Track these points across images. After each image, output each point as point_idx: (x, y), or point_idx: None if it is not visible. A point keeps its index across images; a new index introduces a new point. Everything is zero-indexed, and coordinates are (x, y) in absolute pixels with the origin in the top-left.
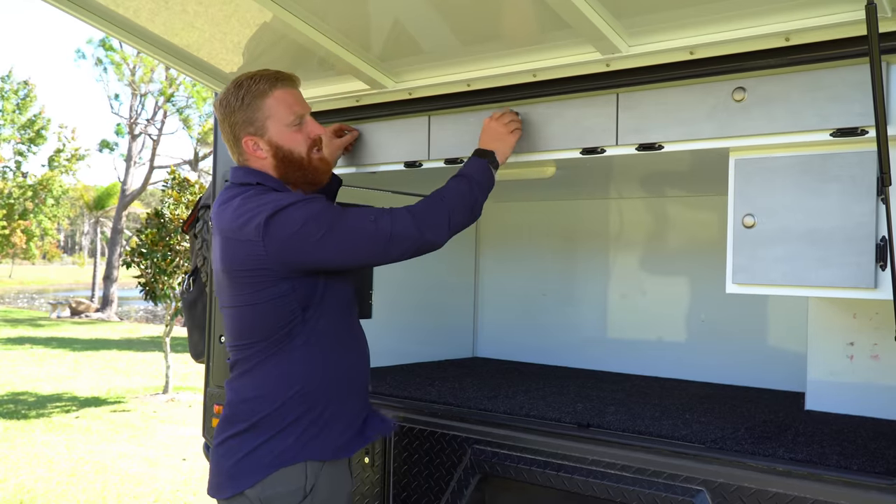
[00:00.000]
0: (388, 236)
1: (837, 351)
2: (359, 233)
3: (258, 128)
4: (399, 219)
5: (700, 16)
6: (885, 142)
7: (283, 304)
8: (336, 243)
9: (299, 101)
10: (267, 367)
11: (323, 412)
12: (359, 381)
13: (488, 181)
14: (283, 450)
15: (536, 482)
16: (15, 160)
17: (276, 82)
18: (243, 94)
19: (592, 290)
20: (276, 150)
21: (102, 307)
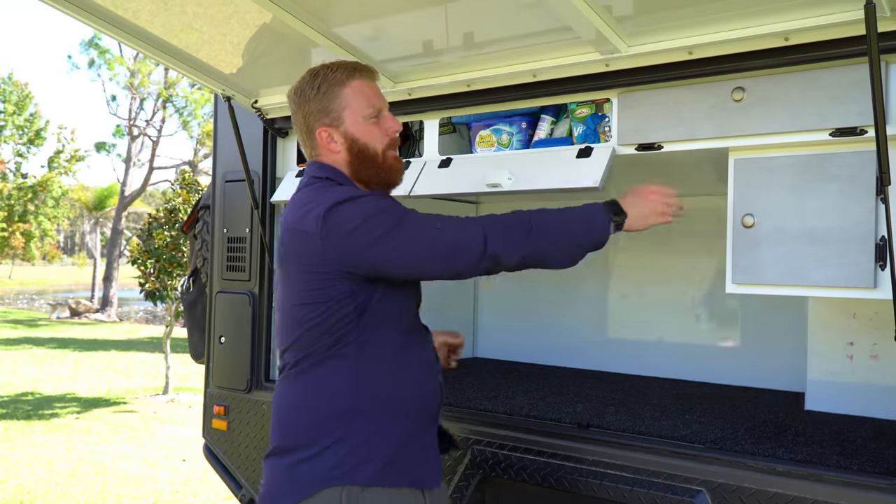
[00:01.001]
0: (452, 245)
1: (837, 351)
2: (421, 237)
3: (334, 118)
4: (468, 228)
5: (699, 16)
6: (884, 141)
7: (337, 308)
8: (395, 246)
9: (378, 94)
10: (314, 376)
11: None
12: (420, 404)
13: (600, 235)
14: (323, 470)
15: (536, 482)
16: (15, 161)
17: (354, 72)
18: (319, 82)
19: (592, 291)
20: (352, 144)
21: (102, 308)
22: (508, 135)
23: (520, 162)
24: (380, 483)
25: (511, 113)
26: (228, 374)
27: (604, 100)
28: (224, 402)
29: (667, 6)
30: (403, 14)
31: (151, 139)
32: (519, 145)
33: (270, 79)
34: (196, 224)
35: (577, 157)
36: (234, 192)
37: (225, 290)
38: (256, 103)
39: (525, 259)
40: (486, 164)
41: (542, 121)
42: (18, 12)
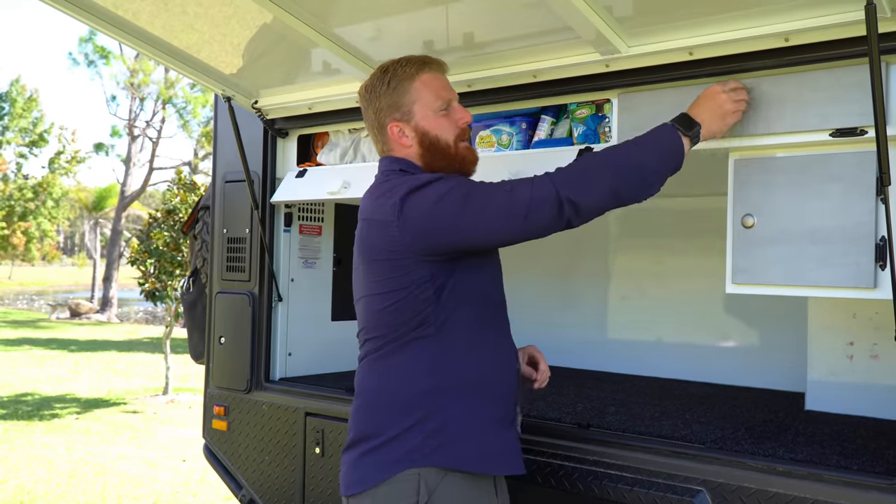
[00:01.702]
0: (525, 203)
1: (837, 351)
2: (493, 203)
3: (404, 113)
4: (539, 184)
5: (700, 16)
6: (884, 142)
7: (419, 293)
8: (470, 217)
9: (446, 87)
10: (394, 360)
11: (453, 415)
12: (501, 387)
13: (672, 152)
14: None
15: (536, 482)
16: (16, 162)
17: (423, 66)
18: (389, 78)
19: (592, 291)
20: (423, 137)
21: (102, 308)
22: (508, 135)
23: (520, 162)
24: (460, 466)
25: (511, 113)
26: (228, 374)
27: (604, 100)
28: (224, 403)
29: (667, 7)
30: (404, 14)
31: (151, 140)
32: (519, 146)
33: (270, 79)
34: (196, 224)
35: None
36: (234, 193)
37: (225, 290)
38: (257, 104)
39: (604, 201)
40: (487, 165)
41: (543, 121)
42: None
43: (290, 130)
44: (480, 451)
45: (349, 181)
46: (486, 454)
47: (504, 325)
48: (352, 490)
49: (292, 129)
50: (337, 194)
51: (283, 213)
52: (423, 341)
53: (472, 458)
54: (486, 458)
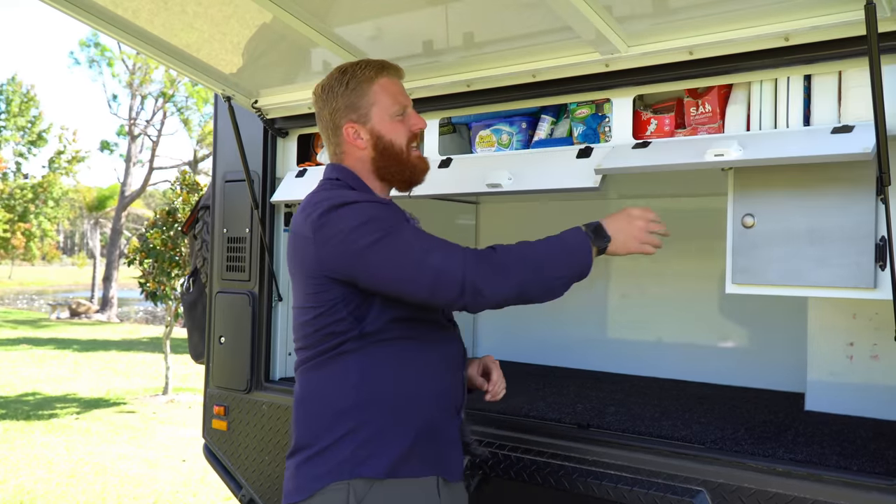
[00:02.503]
0: (433, 272)
1: (837, 351)
2: (405, 256)
3: (361, 115)
4: (452, 257)
5: (699, 16)
6: (884, 141)
7: (332, 313)
8: (377, 260)
9: (403, 92)
10: (323, 373)
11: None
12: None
13: (581, 265)
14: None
15: (536, 482)
16: (15, 161)
17: (382, 70)
18: (348, 79)
19: (592, 291)
20: (377, 141)
21: (102, 308)
22: (508, 135)
23: (520, 162)
24: (393, 475)
25: (511, 113)
26: (228, 374)
27: (604, 100)
28: (224, 403)
29: (667, 7)
30: (403, 14)
31: (151, 139)
32: (519, 145)
33: (270, 79)
34: (196, 224)
35: (578, 158)
36: (234, 192)
37: (225, 290)
38: (256, 103)
39: (507, 296)
40: (486, 165)
41: (542, 121)
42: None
43: (290, 130)
44: (408, 461)
45: None
46: (414, 464)
47: (441, 342)
48: (288, 500)
49: (292, 129)
50: None
51: (283, 212)
52: (350, 355)
53: (399, 469)
54: (415, 467)
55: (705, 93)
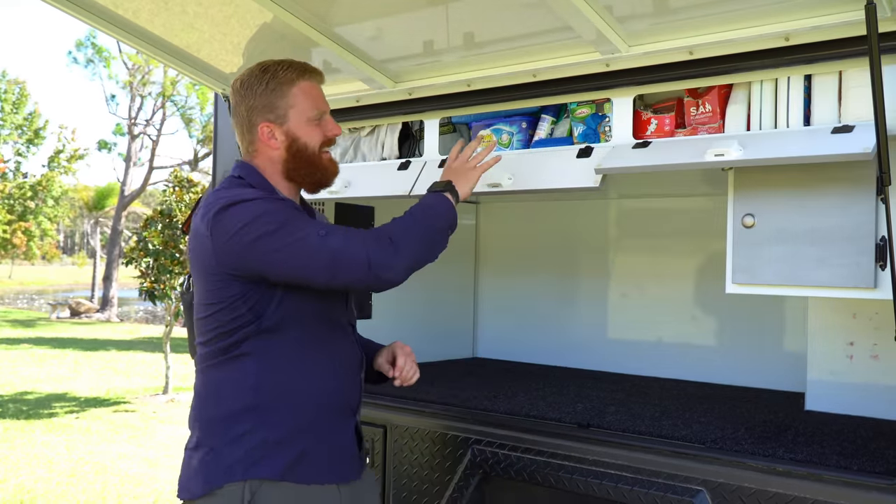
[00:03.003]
0: (332, 255)
1: (837, 351)
2: (301, 243)
3: (279, 115)
4: (352, 238)
5: (700, 16)
6: (884, 141)
7: (231, 310)
8: (275, 250)
9: (323, 97)
10: (221, 372)
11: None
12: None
13: (452, 217)
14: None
15: (536, 482)
16: (14, 160)
17: (304, 73)
18: (269, 78)
19: (592, 290)
20: (292, 142)
21: (102, 308)
22: (509, 134)
23: (520, 162)
24: (288, 478)
25: (511, 113)
26: None
27: (604, 100)
28: None
29: (667, 6)
30: (404, 14)
31: (151, 138)
32: (519, 145)
33: None
34: None
35: (578, 157)
36: None
37: None
38: None
39: (410, 265)
40: None
41: (543, 120)
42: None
43: None
44: (304, 462)
45: (349, 180)
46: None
47: (338, 343)
48: (183, 495)
49: None
50: (337, 194)
51: None
52: (248, 357)
53: (296, 470)
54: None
55: (705, 93)
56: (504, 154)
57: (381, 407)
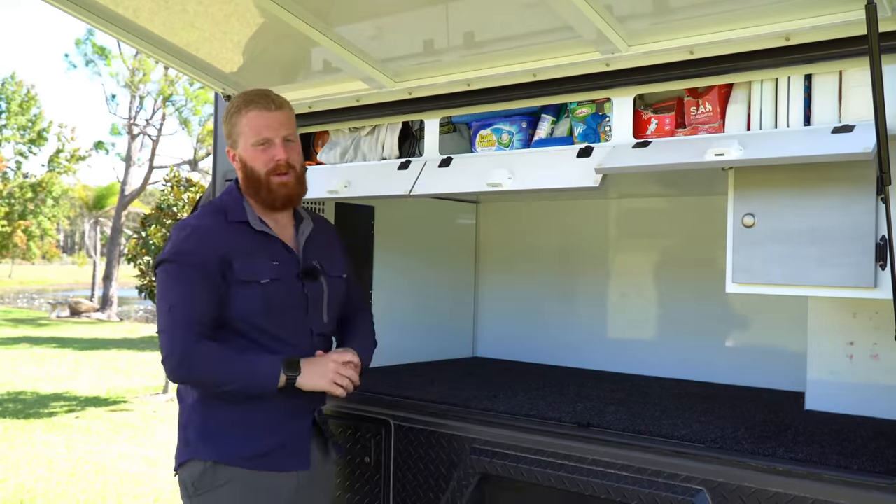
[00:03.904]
0: (161, 327)
1: (837, 351)
2: (161, 298)
3: (234, 141)
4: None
5: (700, 16)
6: (884, 141)
7: None
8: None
9: (269, 126)
10: None
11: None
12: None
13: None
14: (188, 442)
15: (536, 482)
16: (16, 160)
17: (249, 104)
18: (231, 109)
19: (592, 290)
20: (243, 165)
21: (102, 307)
22: (509, 134)
23: (520, 161)
24: (239, 464)
25: (511, 112)
26: None
27: (604, 99)
28: None
29: (668, 6)
30: (404, 13)
31: (151, 138)
32: (519, 144)
33: (271, 78)
34: None
35: (578, 157)
36: None
37: None
38: None
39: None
40: (487, 164)
41: (543, 120)
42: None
43: None
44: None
45: (350, 180)
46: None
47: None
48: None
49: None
50: (337, 193)
51: None
52: None
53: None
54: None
55: (706, 92)
56: (504, 154)
57: (381, 406)
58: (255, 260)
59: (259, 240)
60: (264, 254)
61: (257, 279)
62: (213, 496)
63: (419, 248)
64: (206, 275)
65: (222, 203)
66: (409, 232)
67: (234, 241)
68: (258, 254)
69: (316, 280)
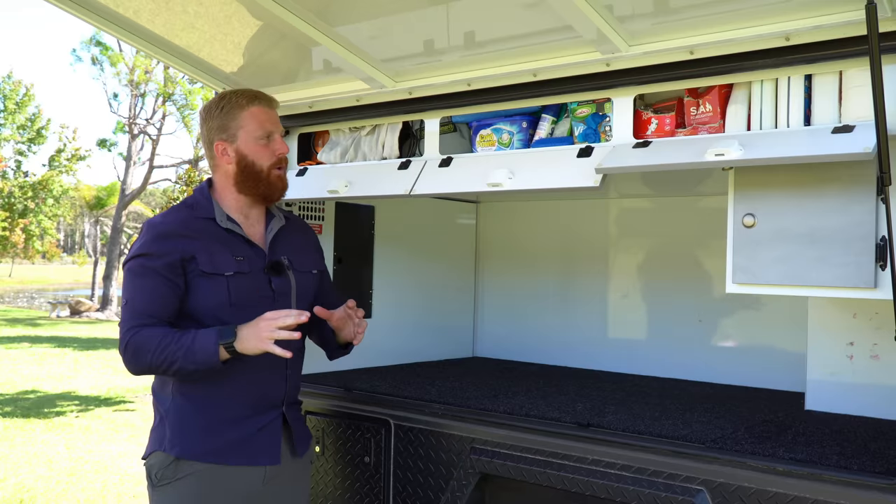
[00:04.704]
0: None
1: (837, 351)
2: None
3: (230, 135)
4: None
5: (700, 16)
6: (885, 141)
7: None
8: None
9: (271, 120)
10: None
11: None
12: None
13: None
14: (157, 434)
15: (536, 482)
16: (15, 160)
17: (254, 99)
18: (224, 104)
19: (592, 290)
20: (241, 159)
21: (102, 307)
22: (509, 134)
23: (520, 161)
24: (204, 458)
25: (512, 112)
26: None
27: (605, 99)
28: None
29: (668, 6)
30: (404, 13)
31: (151, 138)
32: (520, 144)
33: (272, 78)
34: None
35: (578, 157)
36: None
37: None
38: None
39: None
40: (487, 164)
41: (543, 120)
42: (20, 11)
43: (291, 129)
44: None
45: (350, 180)
46: (225, 449)
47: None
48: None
49: (293, 128)
50: (338, 193)
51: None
52: None
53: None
54: (226, 452)
55: (706, 92)
56: (504, 154)
57: (381, 406)
58: (218, 254)
59: (224, 236)
60: (228, 250)
61: (221, 272)
62: (172, 488)
63: (419, 248)
64: (167, 269)
65: (192, 200)
66: (409, 232)
67: (199, 236)
68: (223, 249)
69: (282, 274)
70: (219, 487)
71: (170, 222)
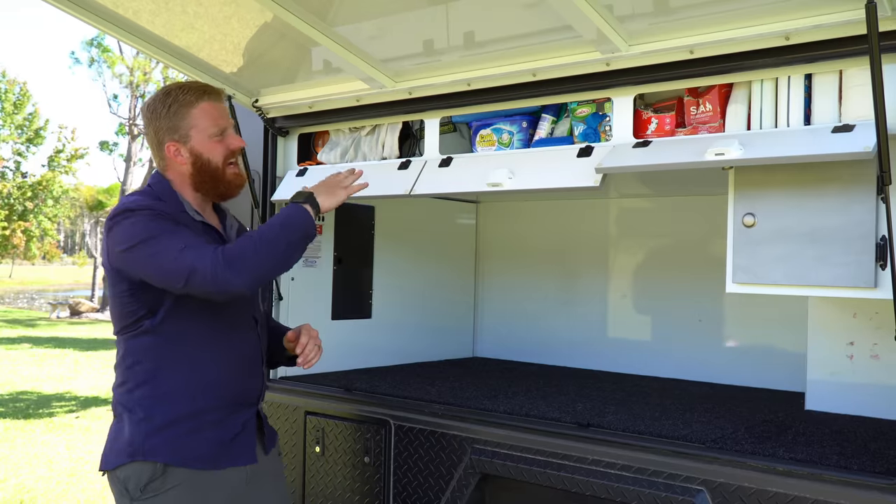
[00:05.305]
0: (187, 269)
1: (837, 351)
2: (163, 256)
3: (182, 135)
4: (203, 256)
5: (700, 15)
6: (885, 141)
7: (126, 304)
8: (141, 258)
9: (223, 115)
10: (127, 358)
11: (169, 417)
12: (220, 392)
13: (305, 225)
14: (132, 441)
15: (536, 482)
16: (14, 160)
17: (202, 95)
18: (171, 102)
19: (592, 290)
20: (196, 158)
21: (102, 307)
22: (509, 134)
23: (520, 161)
24: (176, 462)
25: (512, 112)
26: None
27: (605, 99)
28: None
29: (668, 6)
30: (404, 13)
31: None
32: (520, 144)
33: (271, 78)
34: None
35: (578, 157)
36: None
37: None
38: (257, 102)
39: (255, 279)
40: (487, 163)
41: (543, 120)
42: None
43: (291, 129)
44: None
45: None
46: (199, 452)
47: (240, 339)
48: (102, 467)
49: (293, 128)
50: None
51: None
52: (144, 348)
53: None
54: (200, 455)
55: (706, 92)
56: (504, 153)
57: (381, 406)
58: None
59: (199, 228)
60: (209, 239)
61: None
62: (161, 500)
63: (419, 248)
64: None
65: (154, 193)
66: (410, 232)
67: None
68: (204, 238)
69: None
70: (210, 494)
71: (156, 206)
